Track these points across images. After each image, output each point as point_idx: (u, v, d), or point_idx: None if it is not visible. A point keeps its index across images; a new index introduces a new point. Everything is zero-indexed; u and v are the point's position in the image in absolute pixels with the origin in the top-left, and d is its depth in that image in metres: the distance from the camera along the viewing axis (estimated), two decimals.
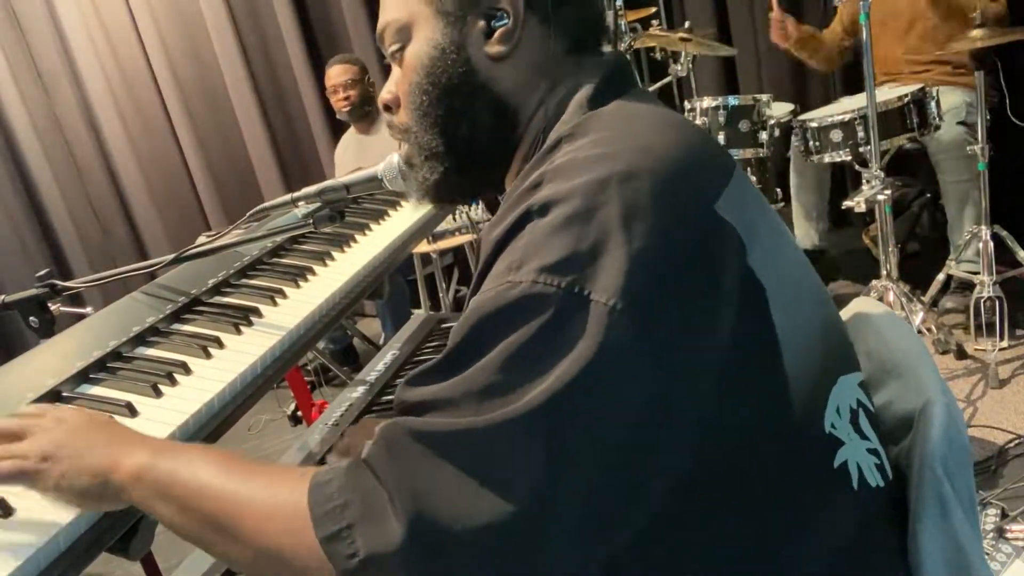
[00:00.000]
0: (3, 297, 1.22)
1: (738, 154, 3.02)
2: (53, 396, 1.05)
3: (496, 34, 0.83)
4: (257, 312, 1.28)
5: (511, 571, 0.62)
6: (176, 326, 1.24)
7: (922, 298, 2.74)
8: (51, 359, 1.13)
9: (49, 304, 1.24)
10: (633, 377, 0.63)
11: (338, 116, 3.79)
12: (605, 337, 0.62)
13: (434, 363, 0.69)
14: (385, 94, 0.91)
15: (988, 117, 2.76)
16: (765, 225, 0.76)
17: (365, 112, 3.70)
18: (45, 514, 0.85)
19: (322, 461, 1.47)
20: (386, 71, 0.94)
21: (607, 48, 0.89)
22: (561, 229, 0.66)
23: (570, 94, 0.83)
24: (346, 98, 3.65)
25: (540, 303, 0.64)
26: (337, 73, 3.65)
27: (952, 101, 2.95)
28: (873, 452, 0.79)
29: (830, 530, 0.74)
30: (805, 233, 3.40)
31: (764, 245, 0.72)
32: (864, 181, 2.64)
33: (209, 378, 1.12)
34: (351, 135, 3.83)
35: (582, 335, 0.62)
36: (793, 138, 2.94)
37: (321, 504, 0.66)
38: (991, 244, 2.64)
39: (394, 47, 0.88)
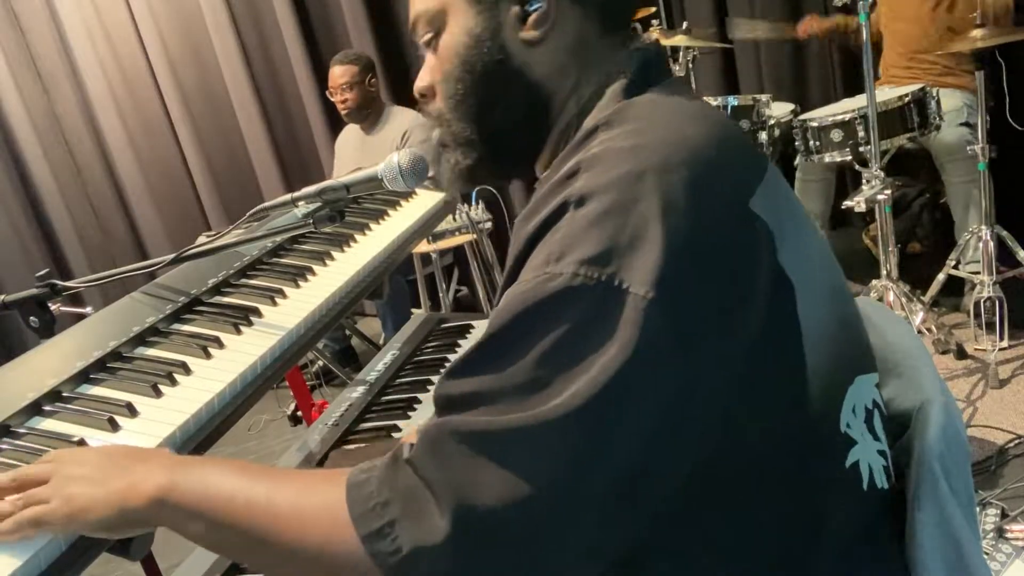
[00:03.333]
0: (3, 297, 1.22)
1: None
2: (53, 396, 1.05)
3: (531, 18, 0.83)
4: (257, 312, 1.28)
5: (549, 558, 0.64)
6: (176, 326, 1.24)
7: (922, 298, 2.74)
8: (51, 359, 1.13)
9: (49, 304, 1.24)
10: (668, 369, 0.64)
11: (343, 116, 3.78)
12: (643, 330, 0.63)
13: (475, 353, 0.69)
14: (420, 83, 0.90)
15: (988, 118, 2.76)
16: (794, 222, 0.76)
17: (365, 114, 3.67)
18: None
19: (322, 461, 1.47)
20: (391, 68, 0.94)
21: (640, 33, 0.89)
22: (600, 221, 0.66)
23: (606, 81, 0.83)
24: (343, 101, 3.62)
25: (580, 295, 0.64)
26: (337, 74, 3.62)
27: (953, 103, 2.95)
28: (882, 454, 0.79)
29: (837, 529, 0.74)
30: None
31: (794, 242, 0.73)
32: (864, 181, 2.64)
33: (209, 378, 1.12)
34: (354, 129, 3.81)
35: (621, 328, 0.63)
36: (795, 141, 2.94)
37: (360, 503, 0.67)
38: (991, 244, 2.64)
39: (427, 36, 0.87)
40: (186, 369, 1.12)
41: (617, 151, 0.71)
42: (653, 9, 3.55)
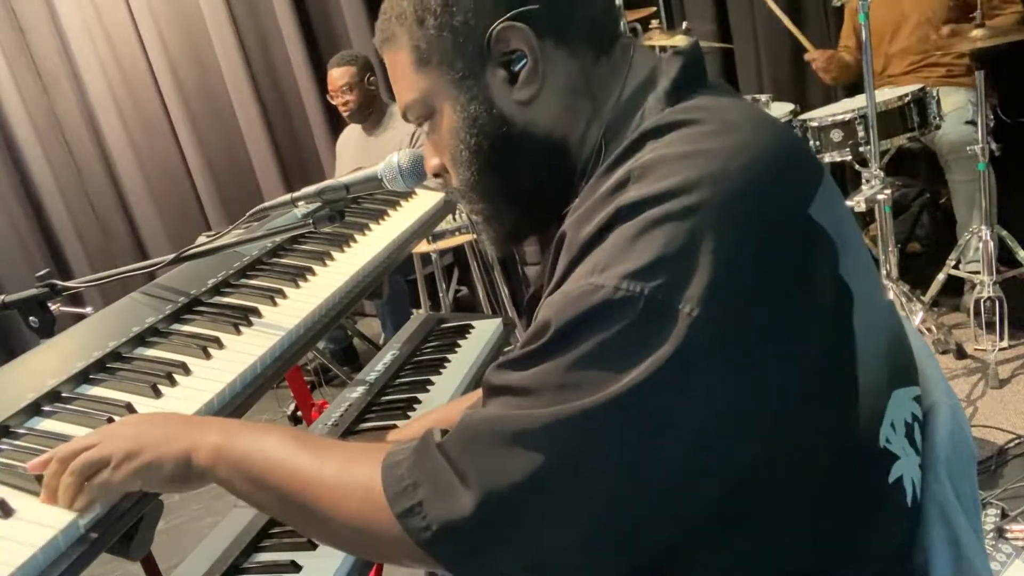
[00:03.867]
0: (3, 297, 1.22)
1: None
2: (53, 396, 1.05)
3: (520, 78, 0.80)
4: (257, 312, 1.28)
5: (570, 544, 0.66)
6: (176, 326, 1.24)
7: (922, 298, 2.74)
8: (51, 359, 1.13)
9: (49, 304, 1.24)
10: (709, 385, 0.63)
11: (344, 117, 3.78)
12: (684, 345, 0.62)
13: (520, 352, 0.70)
14: (430, 165, 0.90)
15: (991, 117, 2.76)
16: (851, 229, 0.74)
17: (367, 114, 3.66)
18: (45, 514, 0.85)
19: None
20: (386, 71, 0.94)
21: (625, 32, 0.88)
22: (648, 232, 0.65)
23: (641, 87, 0.80)
24: (345, 103, 3.62)
25: (620, 309, 0.64)
26: (336, 77, 3.61)
27: (957, 101, 2.95)
28: (921, 467, 0.78)
29: (878, 546, 0.73)
30: None
31: (853, 250, 0.71)
32: (864, 181, 2.64)
33: (209, 378, 1.12)
34: (355, 129, 3.81)
35: (661, 342, 0.63)
36: None
37: (393, 484, 0.71)
38: (991, 244, 2.64)
39: (422, 124, 0.86)
40: (186, 369, 1.12)
41: (670, 158, 0.69)
42: (653, 9, 3.55)
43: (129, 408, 1.03)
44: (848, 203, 2.57)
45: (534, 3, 0.78)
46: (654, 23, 3.49)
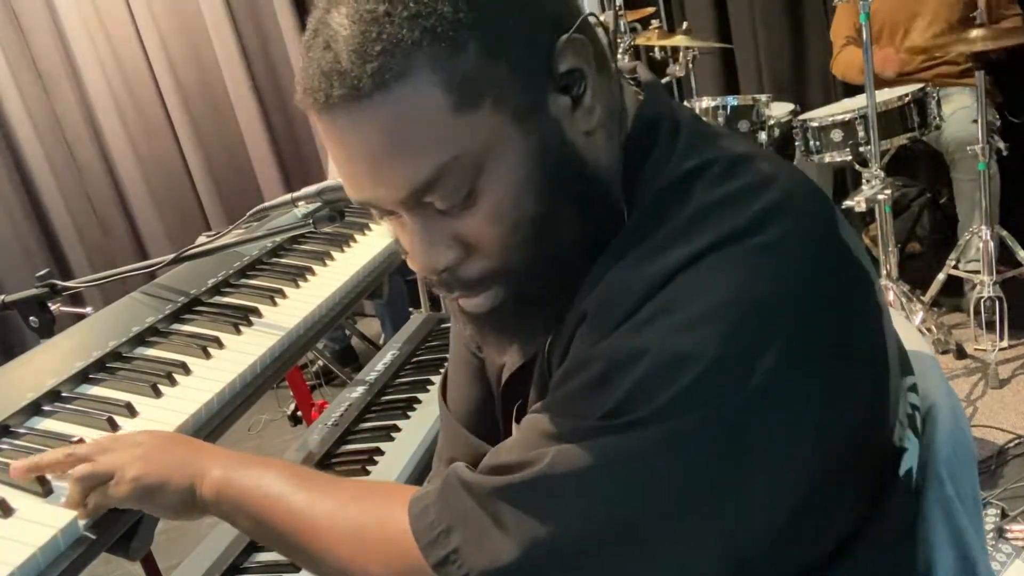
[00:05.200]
0: (3, 297, 1.22)
1: None
2: (53, 396, 1.05)
3: (584, 101, 0.65)
4: (257, 312, 1.28)
5: None
6: (176, 326, 1.24)
7: (922, 298, 2.74)
8: (51, 359, 1.13)
9: (49, 304, 1.24)
10: (772, 427, 0.60)
11: None
12: (740, 404, 0.58)
13: (556, 398, 0.65)
14: (443, 258, 0.65)
15: (997, 117, 2.76)
16: (859, 239, 0.72)
17: None
18: (45, 514, 0.85)
19: (322, 461, 1.47)
20: None
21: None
22: (695, 290, 0.60)
23: (644, 130, 0.70)
24: None
25: (669, 370, 0.59)
26: None
27: (964, 100, 2.94)
28: (920, 463, 0.78)
29: (886, 539, 0.73)
30: None
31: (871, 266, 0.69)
32: (864, 181, 2.64)
33: (209, 378, 1.12)
34: None
35: (719, 401, 0.58)
36: (795, 140, 2.94)
37: (426, 532, 0.66)
38: (992, 244, 2.64)
39: (456, 196, 0.62)
40: (186, 369, 1.12)
41: (705, 211, 0.63)
42: (653, 9, 3.55)
43: (129, 408, 1.03)
44: (848, 203, 2.58)
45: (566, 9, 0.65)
46: (654, 23, 3.49)
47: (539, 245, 0.65)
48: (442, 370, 1.71)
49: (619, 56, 3.06)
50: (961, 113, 2.88)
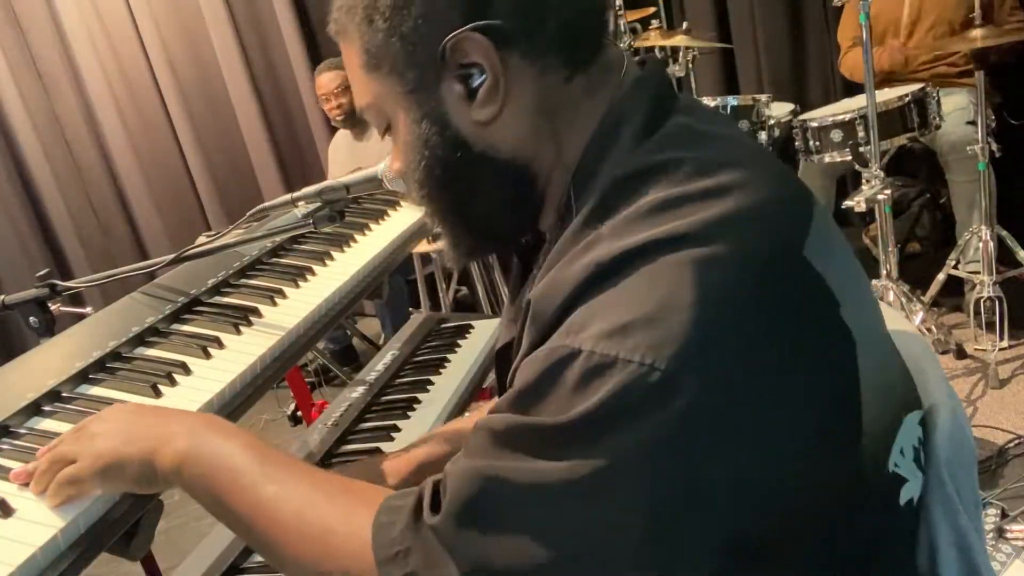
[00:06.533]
0: (3, 297, 1.22)
1: None
2: (53, 396, 1.05)
3: (479, 95, 0.71)
4: (257, 312, 1.28)
5: None
6: (176, 326, 1.24)
7: (922, 298, 2.74)
8: (51, 359, 1.13)
9: (49, 304, 1.24)
10: (698, 452, 0.59)
11: (332, 123, 3.78)
12: (668, 414, 0.58)
13: (498, 420, 0.66)
14: (392, 167, 0.84)
15: (993, 118, 2.76)
16: (848, 264, 0.70)
17: (356, 120, 3.66)
18: (45, 514, 0.85)
19: (322, 461, 1.47)
20: None
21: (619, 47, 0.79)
22: (627, 291, 0.60)
23: (608, 124, 0.72)
24: (338, 106, 3.61)
25: (598, 374, 0.59)
26: (327, 81, 3.60)
27: (958, 101, 2.95)
28: (922, 471, 0.77)
29: (888, 563, 0.72)
30: None
31: (852, 289, 0.67)
32: (864, 181, 2.64)
33: (209, 378, 1.11)
34: (345, 135, 3.82)
35: (642, 408, 0.58)
36: (795, 141, 2.94)
37: (385, 547, 0.67)
38: (991, 244, 2.64)
39: (380, 127, 0.80)
40: (186, 369, 1.12)
41: (648, 209, 0.64)
42: (653, 9, 3.55)
43: None
44: (848, 203, 2.58)
45: (497, 11, 0.69)
46: (654, 23, 3.49)
47: (428, 196, 0.78)
48: (442, 370, 1.72)
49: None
50: (956, 115, 2.88)
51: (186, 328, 1.24)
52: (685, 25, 3.33)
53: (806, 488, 0.64)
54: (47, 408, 1.04)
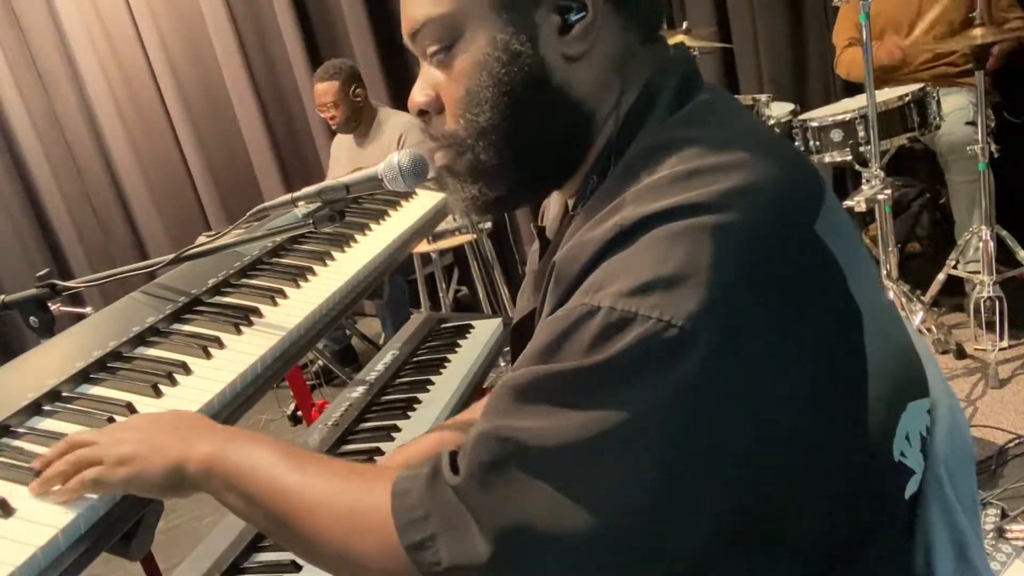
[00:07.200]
0: (3, 297, 1.22)
1: None
2: (53, 396, 1.05)
3: (575, 30, 0.72)
4: (257, 312, 1.28)
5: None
6: (176, 326, 1.24)
7: (922, 298, 2.74)
8: (51, 359, 1.13)
9: (49, 304, 1.24)
10: (713, 412, 0.61)
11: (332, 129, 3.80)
12: (683, 366, 0.60)
13: (518, 376, 0.67)
14: (420, 96, 0.78)
15: (992, 117, 2.76)
16: (855, 243, 0.71)
17: (355, 126, 3.66)
18: (45, 514, 0.85)
19: None
20: (390, 68, 0.90)
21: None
22: (646, 253, 0.62)
23: (646, 95, 0.75)
24: (332, 117, 3.63)
25: (617, 330, 0.61)
26: (321, 92, 3.60)
27: (958, 102, 2.95)
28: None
29: (887, 556, 0.73)
30: None
31: (858, 267, 0.69)
32: (864, 181, 2.64)
33: (209, 378, 1.12)
34: (347, 138, 3.82)
35: (660, 365, 0.60)
36: (795, 140, 2.94)
37: (404, 513, 0.68)
38: (991, 244, 2.64)
39: (436, 47, 0.75)
40: (186, 369, 1.12)
41: (670, 179, 0.66)
42: None
43: (129, 408, 1.03)
44: (848, 203, 2.58)
45: None
46: None
47: (488, 123, 0.74)
48: (442, 370, 1.72)
49: None
50: (955, 115, 2.88)
51: (186, 328, 1.24)
52: (685, 25, 3.33)
53: (811, 463, 0.66)
54: (47, 408, 1.04)
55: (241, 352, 1.18)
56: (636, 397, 0.61)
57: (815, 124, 2.84)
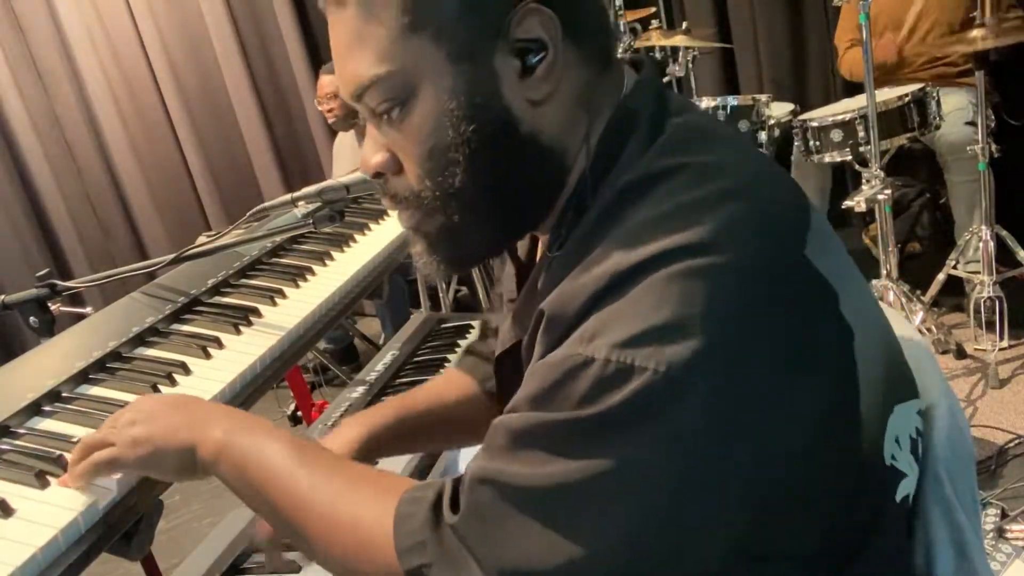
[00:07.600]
0: (3, 297, 1.22)
1: None
2: (53, 396, 1.05)
3: (536, 71, 0.68)
4: (257, 312, 1.28)
5: None
6: (176, 326, 1.24)
7: (922, 298, 2.74)
8: (51, 359, 1.13)
9: (49, 304, 1.24)
10: (712, 454, 0.60)
11: (329, 124, 3.80)
12: (683, 418, 0.59)
13: (511, 421, 0.67)
14: (375, 158, 0.74)
15: (992, 117, 2.76)
16: (842, 256, 0.70)
17: (351, 124, 3.67)
18: (45, 514, 0.85)
19: None
20: None
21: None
22: (640, 301, 0.61)
23: (616, 124, 0.72)
24: (330, 110, 3.63)
25: (613, 382, 0.60)
26: (325, 83, 3.61)
27: (957, 102, 2.95)
28: (920, 470, 0.77)
29: (882, 559, 0.72)
30: None
31: (847, 281, 0.68)
32: (864, 181, 2.64)
33: (209, 378, 1.12)
34: (350, 135, 3.82)
35: (663, 411, 0.59)
36: (795, 140, 2.94)
37: (404, 538, 0.68)
38: (991, 244, 2.64)
39: (387, 105, 0.70)
40: (186, 369, 1.12)
41: (657, 218, 0.64)
42: (653, 9, 3.55)
43: None
44: (848, 203, 2.58)
45: None
46: (654, 23, 3.49)
47: (460, 184, 0.70)
48: (442, 370, 1.72)
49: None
50: (955, 115, 2.88)
51: (186, 328, 1.24)
52: (685, 25, 3.33)
53: (810, 480, 0.65)
54: (47, 408, 1.04)
55: (240, 352, 1.18)
56: (634, 444, 0.60)
57: (815, 124, 2.84)
